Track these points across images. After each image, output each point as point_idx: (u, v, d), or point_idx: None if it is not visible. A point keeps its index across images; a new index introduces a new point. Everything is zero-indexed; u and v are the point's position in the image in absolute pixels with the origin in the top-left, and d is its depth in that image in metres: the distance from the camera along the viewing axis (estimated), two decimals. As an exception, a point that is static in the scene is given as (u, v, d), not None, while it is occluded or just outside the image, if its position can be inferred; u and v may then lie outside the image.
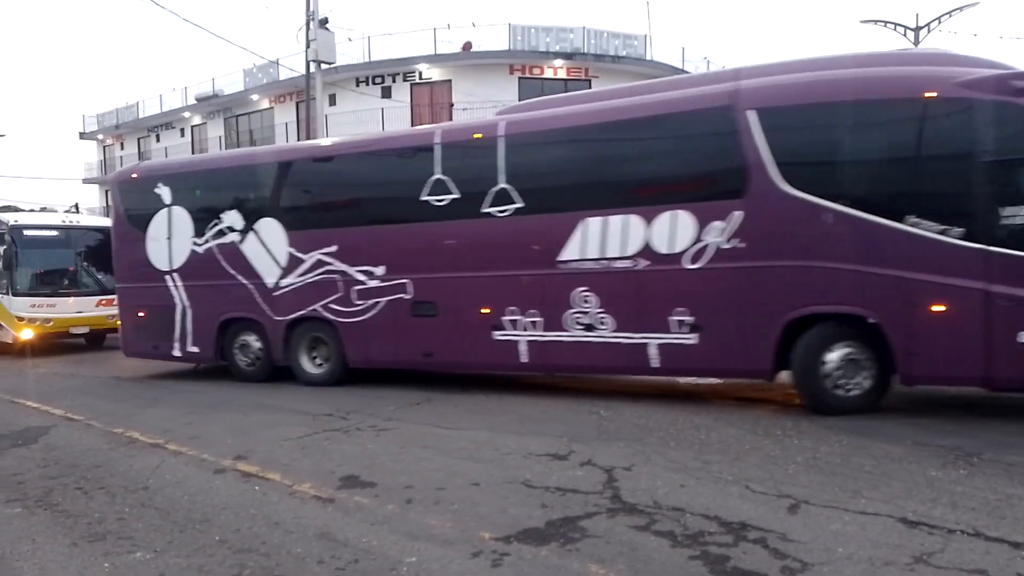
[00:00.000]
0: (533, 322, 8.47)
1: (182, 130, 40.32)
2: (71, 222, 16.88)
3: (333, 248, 9.62)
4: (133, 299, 11.36)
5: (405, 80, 30.98)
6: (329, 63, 17.67)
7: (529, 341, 8.53)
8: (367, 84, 31.38)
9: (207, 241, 10.54)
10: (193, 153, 37.75)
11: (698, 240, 7.52)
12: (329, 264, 9.65)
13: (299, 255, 9.86)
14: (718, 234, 7.42)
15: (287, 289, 9.97)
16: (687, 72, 33.06)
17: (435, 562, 4.02)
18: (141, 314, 11.22)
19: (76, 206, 22.59)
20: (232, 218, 10.38)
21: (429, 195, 8.95)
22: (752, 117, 7.21)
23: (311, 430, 7.37)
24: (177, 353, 10.95)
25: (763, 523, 4.42)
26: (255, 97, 35.52)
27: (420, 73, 30.68)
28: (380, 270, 9.34)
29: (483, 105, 29.00)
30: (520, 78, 29.73)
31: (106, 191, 42.63)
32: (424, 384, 9.57)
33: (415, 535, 4.42)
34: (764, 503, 4.77)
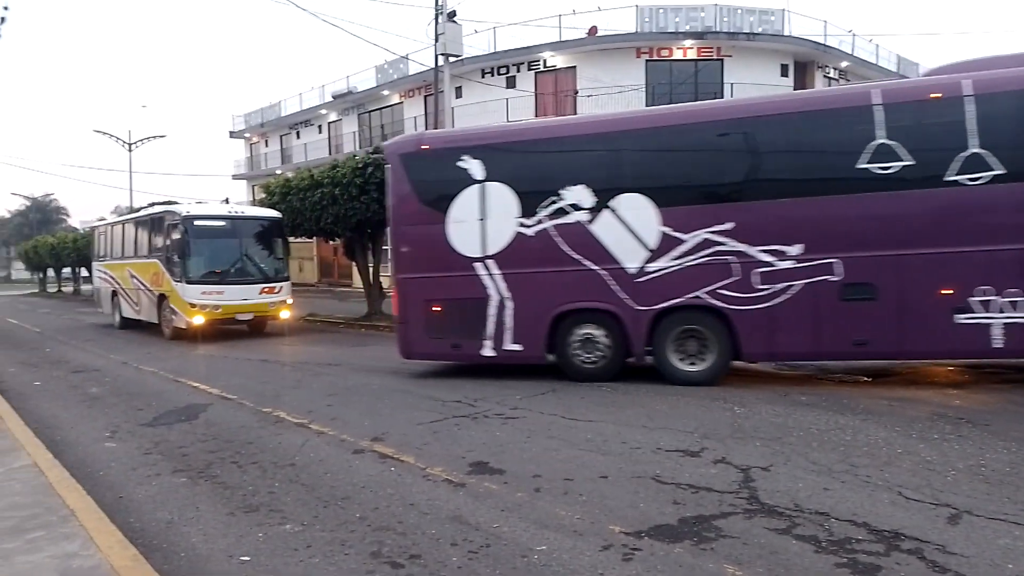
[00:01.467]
0: (1013, 302, 7.61)
1: (320, 127, 42.61)
2: (236, 212, 17.36)
3: (728, 225, 8.42)
4: (423, 292, 9.73)
5: (529, 69, 31.12)
6: (457, 56, 18.05)
7: (1006, 324, 7.63)
8: (492, 75, 31.79)
9: (540, 222, 9.17)
10: (330, 151, 39.91)
11: None
12: (721, 244, 8.45)
13: (676, 235, 8.63)
14: None
15: (657, 274, 8.73)
16: (831, 47, 31.13)
17: (566, 552, 4.02)
18: (436, 309, 9.68)
19: (227, 200, 24.35)
20: (578, 194, 9.01)
21: (869, 162, 7.98)
22: None
23: (441, 415, 7.58)
24: (489, 352, 9.50)
25: (919, 533, 4.10)
26: (386, 92, 36.92)
27: (544, 61, 30.70)
28: (795, 249, 8.22)
29: (609, 91, 28.67)
30: (647, 61, 29.08)
31: (253, 187, 45.84)
32: (548, 375, 9.58)
33: (545, 524, 4.44)
34: (920, 511, 4.43)
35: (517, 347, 9.41)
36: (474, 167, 9.46)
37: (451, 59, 18.10)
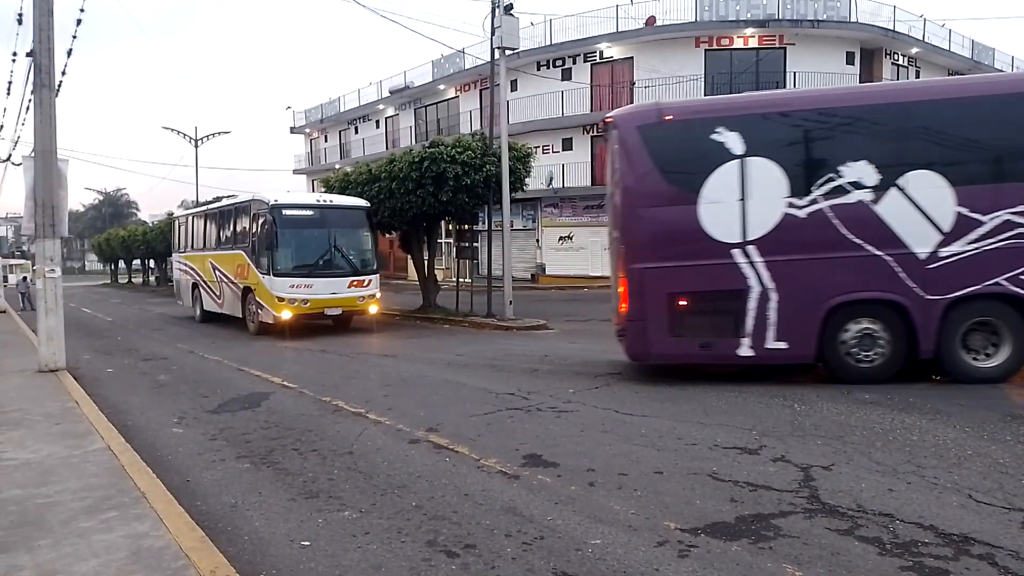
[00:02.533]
0: None
1: (377, 122, 43.25)
2: (325, 201, 16.12)
3: None
4: (666, 284, 8.47)
5: (585, 61, 30.91)
6: (513, 49, 18.04)
7: None
8: (547, 67, 31.69)
9: (813, 202, 8.18)
10: (387, 145, 40.46)
11: None
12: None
13: (974, 216, 7.86)
14: None
15: (952, 259, 7.92)
16: (900, 33, 29.96)
17: (620, 547, 4.00)
18: (682, 303, 8.44)
19: (288, 192, 24.73)
20: (860, 171, 8.11)
21: None
22: None
23: (494, 408, 7.63)
24: (746, 352, 8.33)
25: (990, 538, 3.93)
26: (442, 87, 37.22)
27: (601, 52, 30.45)
28: None
29: (667, 82, 28.22)
30: (707, 50, 28.55)
31: (313, 181, 46.80)
32: (601, 369, 9.53)
33: (599, 518, 4.43)
34: (991, 516, 4.25)
35: (782, 345, 8.27)
36: (732, 140, 8.38)
37: (507, 52, 18.09)
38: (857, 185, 8.12)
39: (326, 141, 48.82)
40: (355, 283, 15.29)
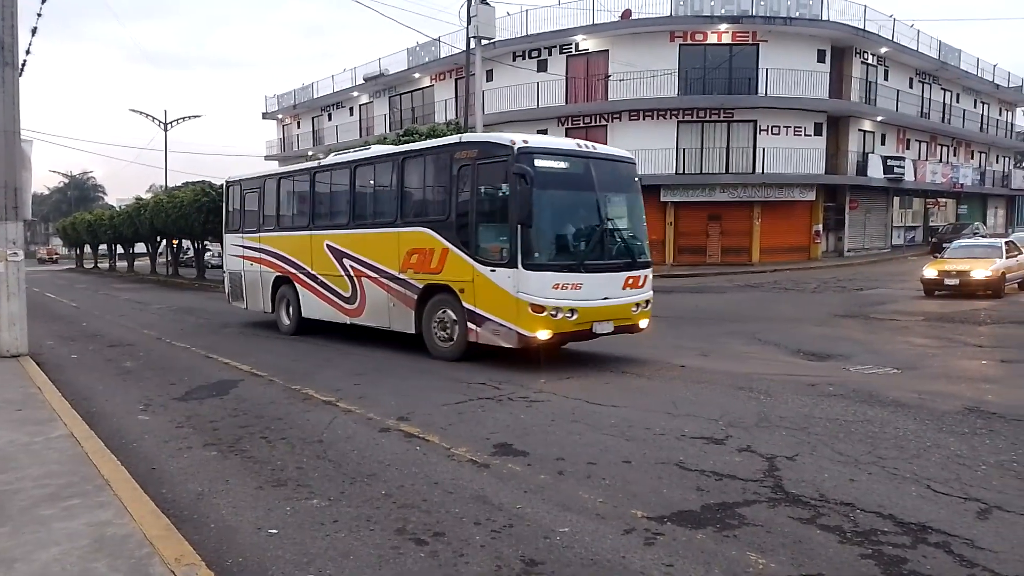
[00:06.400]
0: None
1: (351, 109, 42.81)
2: (588, 148, 10.01)
3: None
4: None
5: (561, 52, 30.91)
6: (489, 39, 17.94)
7: None
8: (523, 58, 31.63)
9: None
10: (360, 133, 40.07)
11: None
12: None
13: None
14: None
15: None
16: (871, 33, 30.43)
17: (588, 535, 4.04)
18: None
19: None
20: None
21: None
22: None
23: (465, 397, 7.63)
24: None
25: (946, 527, 4.05)
26: (417, 75, 36.96)
27: (576, 45, 30.47)
28: None
29: (641, 75, 28.34)
30: (681, 45, 28.73)
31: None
32: (573, 360, 9.58)
33: (567, 506, 4.47)
34: (948, 505, 4.37)
35: None
36: None
37: (483, 42, 18.01)
38: None
39: (299, 127, 48.20)
40: (631, 281, 9.64)
